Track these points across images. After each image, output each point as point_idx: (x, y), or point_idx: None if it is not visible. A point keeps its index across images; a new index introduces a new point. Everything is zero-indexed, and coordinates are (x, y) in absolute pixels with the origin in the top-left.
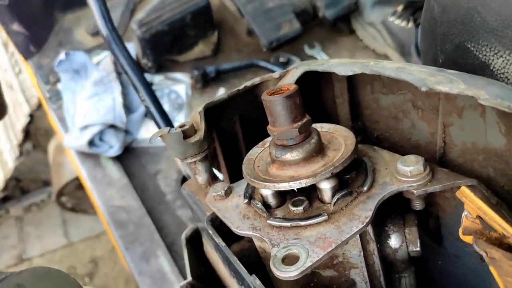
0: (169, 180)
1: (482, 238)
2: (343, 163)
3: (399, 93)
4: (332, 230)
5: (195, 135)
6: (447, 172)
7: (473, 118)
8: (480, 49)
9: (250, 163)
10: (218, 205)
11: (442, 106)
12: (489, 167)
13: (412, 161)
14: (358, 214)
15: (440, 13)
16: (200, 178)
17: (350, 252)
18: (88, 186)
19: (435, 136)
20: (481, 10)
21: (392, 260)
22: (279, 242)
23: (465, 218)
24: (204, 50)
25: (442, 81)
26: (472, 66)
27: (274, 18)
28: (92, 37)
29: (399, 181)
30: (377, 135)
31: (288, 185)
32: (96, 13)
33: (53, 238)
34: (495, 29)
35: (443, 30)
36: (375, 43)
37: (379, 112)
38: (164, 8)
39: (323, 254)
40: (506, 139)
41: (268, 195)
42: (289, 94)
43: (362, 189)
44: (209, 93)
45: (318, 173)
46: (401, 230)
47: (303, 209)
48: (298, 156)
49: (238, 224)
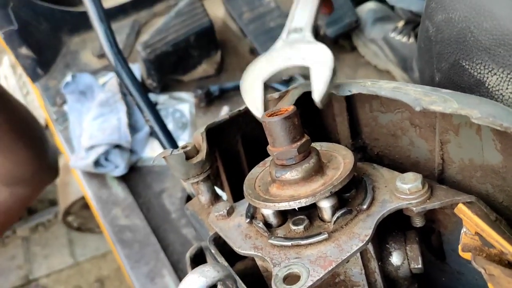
0: (173, 198)
1: (482, 255)
2: (342, 182)
3: (397, 111)
4: (332, 248)
5: (197, 156)
6: (445, 189)
7: (470, 136)
8: (474, 67)
9: (251, 182)
10: (221, 225)
11: (438, 124)
12: (487, 183)
13: (411, 178)
14: (358, 232)
15: (434, 32)
16: (202, 198)
17: (352, 271)
18: (94, 206)
19: (434, 153)
20: (473, 30)
21: (395, 278)
22: (280, 262)
23: (464, 235)
24: (207, 69)
25: (436, 100)
26: (468, 84)
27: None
28: (98, 59)
29: (398, 199)
30: (377, 152)
31: (287, 204)
32: (102, 37)
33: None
34: (488, 48)
35: (438, 49)
36: (376, 59)
37: (378, 129)
38: (168, 30)
39: (323, 273)
40: (502, 155)
41: (269, 214)
42: (288, 115)
43: (362, 207)
44: (213, 112)
45: (318, 192)
46: (402, 247)
47: (304, 228)
48: (298, 175)
49: (240, 243)
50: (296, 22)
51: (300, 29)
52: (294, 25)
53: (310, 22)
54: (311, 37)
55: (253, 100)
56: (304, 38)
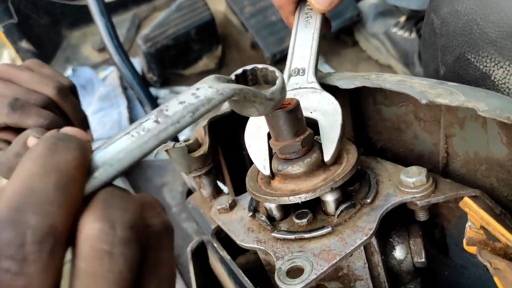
0: (174, 192)
1: (487, 249)
2: (343, 178)
3: (401, 105)
4: (336, 242)
5: (200, 149)
6: (450, 182)
7: (475, 129)
8: (480, 60)
9: (253, 175)
10: (223, 218)
11: (443, 117)
12: (492, 177)
13: (415, 172)
14: (362, 226)
15: (440, 25)
16: (204, 192)
17: (355, 264)
18: None
19: (438, 146)
20: (480, 22)
21: (398, 272)
22: (284, 255)
23: (469, 228)
24: (208, 63)
25: (442, 93)
26: (473, 77)
27: (277, 31)
28: (98, 52)
29: (402, 193)
30: (380, 146)
31: (288, 199)
32: (103, 30)
33: None
34: (494, 40)
35: (443, 42)
36: (378, 54)
37: (382, 123)
38: (169, 23)
39: (327, 266)
40: (508, 149)
41: (272, 208)
42: (291, 108)
43: (366, 201)
44: None
45: (318, 187)
46: (405, 241)
47: (307, 221)
48: (299, 170)
49: (242, 237)
50: (297, 62)
51: (303, 71)
52: (295, 66)
53: (313, 61)
54: (316, 83)
55: (260, 159)
56: (307, 82)
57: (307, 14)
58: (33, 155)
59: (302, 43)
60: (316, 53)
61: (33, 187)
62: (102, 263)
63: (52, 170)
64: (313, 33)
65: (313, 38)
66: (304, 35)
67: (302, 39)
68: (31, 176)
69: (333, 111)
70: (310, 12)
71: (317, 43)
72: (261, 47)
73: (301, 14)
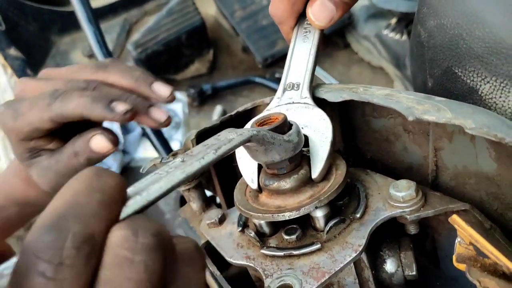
0: (168, 199)
1: (476, 265)
2: (329, 197)
3: (390, 117)
4: (325, 259)
5: None
6: (439, 196)
7: (463, 143)
8: (467, 75)
9: (242, 188)
10: (212, 233)
11: (432, 131)
12: (481, 190)
13: (404, 186)
14: (352, 242)
15: (427, 38)
16: (194, 205)
17: (345, 280)
18: None
19: (427, 159)
20: (466, 37)
21: (389, 285)
22: (273, 273)
23: (459, 244)
24: (200, 68)
25: (430, 109)
26: (461, 91)
27: (268, 35)
28: (88, 58)
29: (392, 207)
30: (370, 157)
31: (272, 216)
32: (91, 38)
33: None
34: (480, 55)
35: (430, 55)
36: (370, 56)
37: (371, 134)
38: (159, 28)
39: (316, 285)
40: (496, 163)
41: (262, 223)
42: (278, 125)
43: (355, 215)
44: (206, 111)
45: (304, 205)
46: (396, 254)
47: (296, 237)
48: (286, 186)
49: (232, 253)
50: (293, 76)
51: (297, 85)
52: (290, 80)
53: (308, 76)
54: (309, 99)
55: (249, 173)
56: (301, 97)
57: (305, 29)
58: (79, 178)
59: (299, 58)
60: (312, 69)
61: (78, 201)
62: (122, 271)
63: (97, 189)
64: (310, 49)
65: (310, 53)
66: (301, 50)
67: (299, 54)
68: (77, 192)
69: (324, 127)
70: (309, 27)
71: (314, 59)
72: (252, 51)
73: (300, 28)
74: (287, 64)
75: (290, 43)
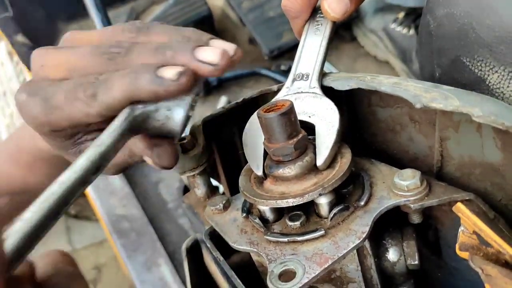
0: (171, 188)
1: (479, 254)
2: (333, 184)
3: (396, 107)
4: (329, 245)
5: (194, 149)
6: (444, 186)
7: (470, 133)
8: (475, 64)
9: (247, 174)
10: (216, 219)
11: (438, 120)
12: (486, 181)
13: (409, 175)
14: (355, 229)
15: (435, 27)
16: (198, 192)
17: (348, 267)
18: (91, 195)
19: (433, 149)
20: (475, 26)
21: (391, 274)
22: (276, 258)
23: (462, 233)
24: None
25: (437, 97)
26: (468, 81)
27: (275, 26)
28: None
29: (396, 195)
30: (375, 147)
31: (275, 202)
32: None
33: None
34: (489, 44)
35: (439, 44)
36: (376, 50)
37: (377, 124)
38: (166, 18)
39: (319, 270)
40: (502, 153)
41: (266, 209)
42: (284, 111)
43: (359, 203)
44: (211, 102)
45: (307, 192)
46: (399, 243)
47: (300, 224)
48: (290, 173)
49: (235, 238)
50: (303, 67)
51: (307, 76)
52: (299, 70)
53: (318, 67)
54: (318, 89)
55: (255, 158)
56: (309, 88)
57: (317, 21)
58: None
59: (309, 50)
60: (322, 60)
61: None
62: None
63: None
64: (321, 41)
65: (321, 45)
66: (313, 42)
67: (310, 46)
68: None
69: (331, 116)
70: (321, 20)
71: (324, 51)
72: (258, 43)
73: (312, 21)
74: (298, 55)
75: (300, 37)
